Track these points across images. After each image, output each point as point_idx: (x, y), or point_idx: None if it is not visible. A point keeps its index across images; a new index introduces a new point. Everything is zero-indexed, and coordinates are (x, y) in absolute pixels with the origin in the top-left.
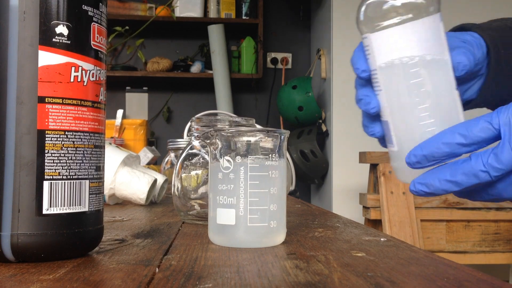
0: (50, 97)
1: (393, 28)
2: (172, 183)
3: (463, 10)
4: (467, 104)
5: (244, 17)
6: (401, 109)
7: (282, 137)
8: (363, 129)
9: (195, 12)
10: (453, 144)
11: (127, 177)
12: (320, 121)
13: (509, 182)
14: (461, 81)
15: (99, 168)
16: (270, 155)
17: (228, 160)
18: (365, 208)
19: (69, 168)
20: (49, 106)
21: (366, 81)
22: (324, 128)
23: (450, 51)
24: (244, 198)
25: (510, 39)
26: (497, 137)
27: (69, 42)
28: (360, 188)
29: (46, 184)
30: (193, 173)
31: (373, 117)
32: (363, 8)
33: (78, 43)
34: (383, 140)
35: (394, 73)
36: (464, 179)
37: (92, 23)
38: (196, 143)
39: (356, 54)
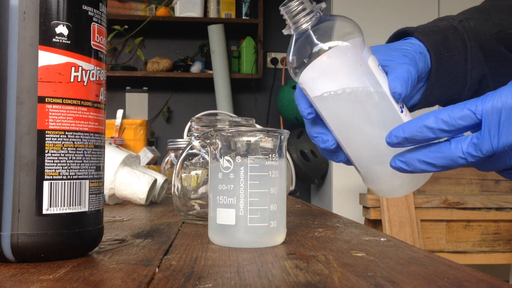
0: (50, 97)
1: (314, 71)
2: (172, 183)
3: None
4: (413, 108)
5: (244, 17)
6: (347, 136)
7: (282, 137)
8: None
9: (195, 12)
10: (435, 129)
11: (127, 177)
12: None
13: (488, 164)
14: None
15: (99, 168)
16: (270, 155)
17: (228, 160)
18: (365, 208)
19: (69, 168)
20: (49, 106)
21: (314, 120)
22: None
23: (389, 72)
24: (244, 198)
25: (454, 40)
26: (479, 125)
27: (69, 42)
28: (360, 188)
29: (46, 184)
30: (193, 173)
31: (331, 151)
32: (289, 60)
33: (78, 43)
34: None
35: (332, 107)
36: (443, 163)
37: (92, 23)
38: (196, 143)
39: (297, 97)
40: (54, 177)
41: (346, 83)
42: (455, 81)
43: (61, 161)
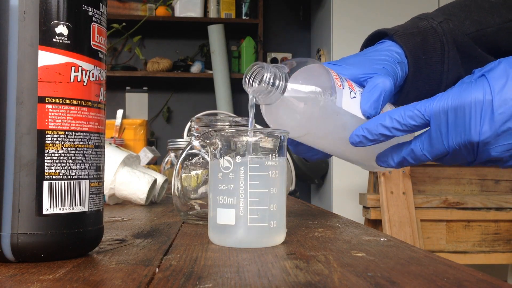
0: (50, 97)
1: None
2: (172, 183)
3: None
4: None
5: (244, 17)
6: (331, 150)
7: (282, 137)
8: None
9: (195, 12)
10: (389, 128)
11: (127, 177)
12: None
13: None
14: None
15: (99, 168)
16: (270, 155)
17: (228, 160)
18: (365, 208)
19: (69, 168)
20: (49, 106)
21: (296, 145)
22: None
23: (363, 92)
24: (244, 198)
25: (432, 42)
26: (428, 124)
27: (69, 42)
28: (360, 188)
29: (46, 184)
30: (193, 173)
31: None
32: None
33: (78, 43)
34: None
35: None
36: (410, 160)
37: (92, 23)
38: (196, 143)
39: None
40: (54, 177)
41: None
42: (431, 82)
43: (61, 161)
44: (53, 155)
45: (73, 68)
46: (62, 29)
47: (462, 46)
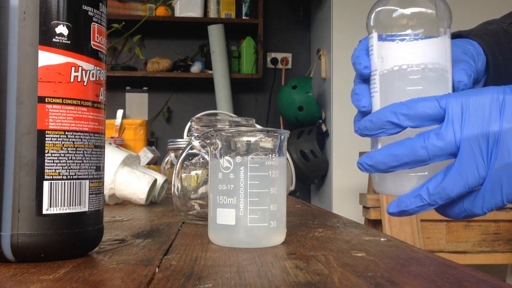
0: (50, 97)
1: (403, 43)
2: (172, 183)
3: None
4: None
5: (244, 17)
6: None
7: (282, 137)
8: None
9: (195, 12)
10: (398, 114)
11: (127, 177)
12: (320, 121)
13: (473, 197)
14: None
15: (99, 168)
16: (270, 155)
17: (228, 160)
18: (365, 208)
19: (69, 168)
20: (49, 106)
21: (364, 79)
22: (324, 128)
23: (452, 66)
24: (244, 198)
25: (506, 43)
26: (442, 117)
27: (69, 42)
28: (360, 188)
29: (46, 184)
30: (193, 173)
31: (363, 114)
32: (376, 11)
33: (78, 43)
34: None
35: (394, 79)
36: (403, 153)
37: (92, 23)
38: (196, 143)
39: (358, 51)
40: (54, 177)
41: (431, 65)
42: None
43: (61, 161)
44: (53, 155)
45: (73, 68)
46: (62, 29)
47: None
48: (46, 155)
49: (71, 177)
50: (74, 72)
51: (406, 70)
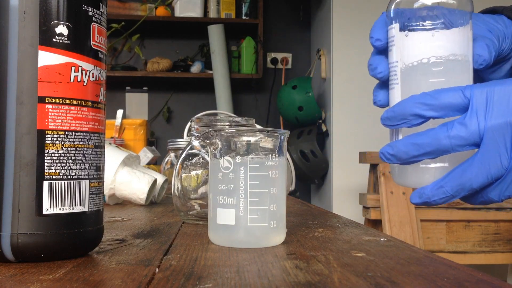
0: (50, 97)
1: (424, 33)
2: (172, 183)
3: None
4: None
5: (244, 17)
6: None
7: (282, 137)
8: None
9: (195, 12)
10: (422, 104)
11: (127, 177)
12: (320, 121)
13: (494, 186)
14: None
15: (99, 168)
16: (270, 155)
17: (228, 160)
18: (365, 208)
19: (69, 168)
20: (49, 106)
21: (380, 51)
22: (324, 128)
23: (473, 41)
24: (244, 198)
25: None
26: (466, 107)
27: (69, 42)
28: (360, 188)
29: (46, 184)
30: (193, 173)
31: (380, 85)
32: (396, 1)
33: (78, 43)
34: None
35: (415, 72)
36: (426, 142)
37: (92, 23)
38: (196, 143)
39: (376, 25)
40: (54, 177)
41: (452, 56)
42: None
43: (61, 161)
44: (53, 155)
45: (73, 68)
46: (62, 29)
47: None
48: (46, 155)
49: (71, 177)
50: (74, 72)
51: (428, 62)
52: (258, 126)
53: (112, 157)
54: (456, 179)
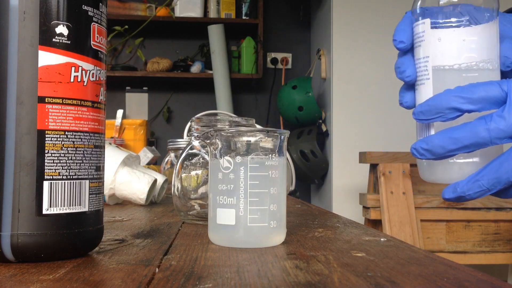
0: (50, 97)
1: (454, 30)
2: (172, 183)
3: None
4: None
5: (244, 17)
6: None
7: (282, 137)
8: (399, 98)
9: (195, 12)
10: (458, 97)
11: (127, 177)
12: (320, 121)
13: None
14: None
15: (99, 168)
16: (270, 155)
17: (228, 160)
18: (365, 208)
19: (69, 168)
20: (49, 106)
21: (405, 52)
22: (324, 128)
23: (500, 41)
24: (244, 198)
25: None
26: (504, 100)
27: (69, 42)
28: (360, 188)
29: (46, 184)
30: (193, 173)
31: (407, 86)
32: None
33: (78, 43)
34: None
35: (446, 75)
36: (464, 135)
37: (92, 23)
38: (196, 143)
39: (399, 27)
40: (54, 177)
41: (481, 57)
42: None
43: (61, 161)
44: (53, 155)
45: (73, 68)
46: (62, 29)
47: None
48: (46, 155)
49: (71, 177)
50: (74, 72)
51: (460, 64)
52: (258, 126)
53: (112, 157)
54: (493, 172)
